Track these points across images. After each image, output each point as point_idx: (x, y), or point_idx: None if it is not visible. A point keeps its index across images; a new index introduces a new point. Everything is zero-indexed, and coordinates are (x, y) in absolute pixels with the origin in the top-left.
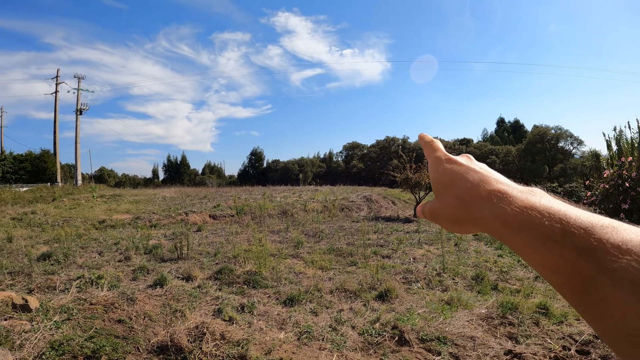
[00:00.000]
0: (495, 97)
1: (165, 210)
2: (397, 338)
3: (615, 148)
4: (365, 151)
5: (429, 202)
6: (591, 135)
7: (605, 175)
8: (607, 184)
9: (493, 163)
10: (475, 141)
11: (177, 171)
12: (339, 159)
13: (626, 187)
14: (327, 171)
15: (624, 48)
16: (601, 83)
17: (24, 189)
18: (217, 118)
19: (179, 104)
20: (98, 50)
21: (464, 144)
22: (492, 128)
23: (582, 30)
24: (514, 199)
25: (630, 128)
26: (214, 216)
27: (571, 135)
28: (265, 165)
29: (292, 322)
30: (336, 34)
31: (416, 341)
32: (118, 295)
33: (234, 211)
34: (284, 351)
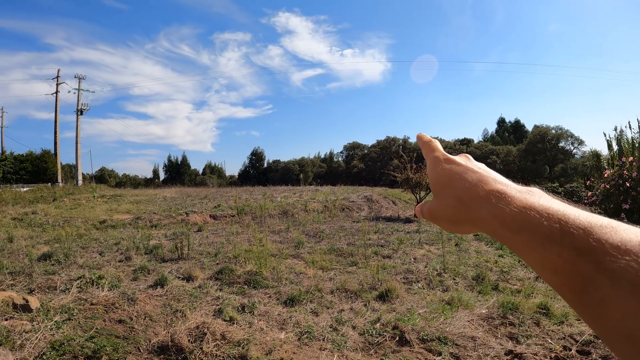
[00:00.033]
0: (495, 97)
1: (165, 210)
2: (398, 338)
3: (616, 148)
4: (365, 151)
5: (428, 202)
6: (591, 135)
7: (606, 175)
8: (608, 184)
9: (494, 163)
10: (475, 141)
11: (178, 171)
12: (340, 159)
13: (627, 187)
14: (328, 171)
15: (624, 48)
16: (601, 83)
17: (25, 189)
18: (218, 118)
19: (180, 104)
20: (99, 50)
21: (465, 144)
22: (493, 128)
23: (582, 30)
24: (513, 199)
25: (630, 128)
26: (215, 216)
27: (572, 135)
28: (265, 165)
29: (293, 322)
30: (337, 34)
31: (417, 341)
32: (119, 295)
33: (235, 211)
34: (285, 351)
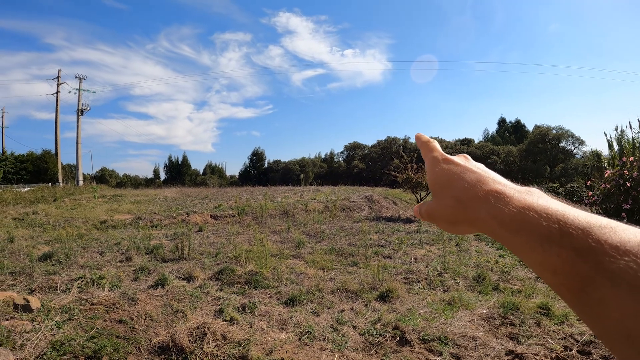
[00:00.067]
0: (495, 97)
1: (166, 210)
2: (399, 338)
3: (616, 148)
4: (366, 151)
5: (426, 203)
6: (592, 135)
7: (606, 175)
8: (609, 184)
9: (494, 163)
10: (476, 141)
11: (178, 171)
12: (340, 159)
13: (627, 187)
14: (329, 171)
15: (624, 48)
16: (601, 83)
17: (26, 189)
18: (218, 118)
19: (180, 105)
20: (99, 50)
21: (465, 144)
22: (493, 128)
23: (582, 30)
24: (512, 199)
25: (631, 128)
26: (215, 216)
27: (572, 135)
28: (266, 165)
29: (294, 323)
30: (337, 34)
31: (417, 341)
32: (119, 295)
33: (235, 211)
34: (285, 351)
